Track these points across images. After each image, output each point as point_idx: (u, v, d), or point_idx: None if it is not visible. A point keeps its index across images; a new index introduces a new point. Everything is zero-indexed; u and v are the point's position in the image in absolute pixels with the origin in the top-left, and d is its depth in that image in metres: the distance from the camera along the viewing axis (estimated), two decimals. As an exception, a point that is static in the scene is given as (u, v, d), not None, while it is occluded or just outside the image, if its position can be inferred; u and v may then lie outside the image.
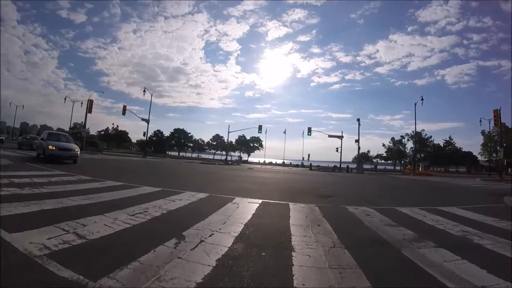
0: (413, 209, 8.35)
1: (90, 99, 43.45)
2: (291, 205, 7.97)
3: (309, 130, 54.51)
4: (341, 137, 53.93)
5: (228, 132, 54.00)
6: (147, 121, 48.64)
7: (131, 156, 48.78)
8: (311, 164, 56.41)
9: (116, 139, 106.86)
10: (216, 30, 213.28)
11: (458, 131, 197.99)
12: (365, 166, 67.52)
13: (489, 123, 53.07)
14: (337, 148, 54.65)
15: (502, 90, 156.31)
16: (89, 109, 45.17)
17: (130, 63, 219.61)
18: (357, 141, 53.34)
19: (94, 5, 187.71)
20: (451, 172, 71.02)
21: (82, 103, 58.37)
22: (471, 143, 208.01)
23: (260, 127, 51.86)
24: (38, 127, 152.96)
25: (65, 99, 57.98)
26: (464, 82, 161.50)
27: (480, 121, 54.10)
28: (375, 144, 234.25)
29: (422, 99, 44.72)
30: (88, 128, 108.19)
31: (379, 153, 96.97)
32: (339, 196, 11.77)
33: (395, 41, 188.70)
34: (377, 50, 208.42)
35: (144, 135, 50.24)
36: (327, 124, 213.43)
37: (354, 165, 57.10)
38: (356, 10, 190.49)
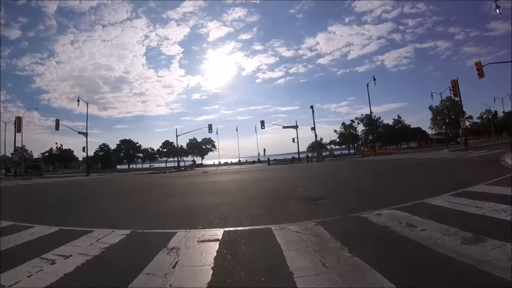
0: (445, 197, 6.29)
1: (18, 116, 36.71)
2: (276, 231, 4.76)
3: (262, 123, 51.78)
4: (296, 127, 51.90)
5: (176, 136, 49.61)
6: (86, 134, 43.00)
7: (74, 175, 42.71)
8: (268, 158, 53.61)
9: (61, 159, 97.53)
10: (156, 34, 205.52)
11: (403, 111, 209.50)
12: (325, 154, 66.96)
13: (441, 96, 55.18)
14: (293, 139, 52.85)
15: (439, 69, 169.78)
16: (18, 128, 38.14)
17: (70, 76, 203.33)
18: (313, 128, 51.65)
19: (29, 19, 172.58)
20: (405, 148, 72.20)
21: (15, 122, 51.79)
22: (416, 119, 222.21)
23: (210, 126, 48.16)
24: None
25: None
26: (403, 64, 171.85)
27: (432, 95, 56.83)
28: (325, 132, 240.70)
29: (375, 79, 45.26)
30: (31, 151, 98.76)
31: (332, 139, 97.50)
32: (328, 195, 8.45)
33: (334, 32, 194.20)
34: (317, 42, 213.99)
35: (84, 150, 43.89)
36: (277, 118, 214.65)
37: (312, 154, 55.59)
38: (294, 5, 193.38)
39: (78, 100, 41.20)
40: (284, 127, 54.11)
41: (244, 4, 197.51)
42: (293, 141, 53.25)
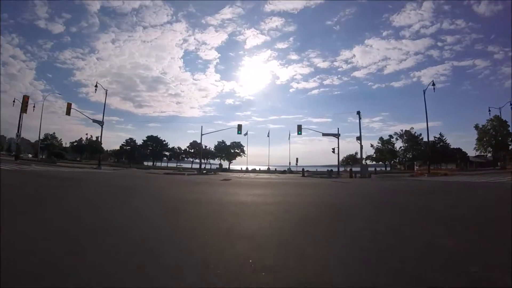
0: None
1: (26, 95, 31.11)
2: None
3: (299, 128, 43.89)
4: (337, 135, 43.57)
5: (201, 135, 42.61)
6: (101, 123, 36.78)
7: (84, 167, 36.60)
8: (303, 169, 45.33)
9: (89, 150, 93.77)
10: (194, 39, 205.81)
11: (436, 130, 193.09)
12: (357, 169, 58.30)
13: (500, 112, 46.95)
14: (333, 149, 44.66)
15: (477, 89, 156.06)
16: (23, 109, 32.44)
17: (109, 73, 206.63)
18: (359, 138, 42.91)
19: (72, 15, 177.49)
20: (451, 169, 61.72)
21: (14, 100, 47.11)
22: (451, 140, 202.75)
23: (239, 127, 41.04)
24: (15, 139, 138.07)
25: (13, 101, 45.07)
26: (440, 82, 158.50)
27: (489, 110, 48.84)
28: (356, 146, 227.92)
29: (434, 84, 35.67)
30: (61, 139, 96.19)
31: (368, 154, 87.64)
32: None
33: (370, 45, 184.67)
34: (354, 55, 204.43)
35: (98, 141, 37.62)
36: (308, 129, 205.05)
37: (351, 168, 47.16)
38: (332, 17, 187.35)
39: (96, 86, 34.90)
40: (324, 135, 46.08)
41: (281, 14, 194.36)
42: (333, 152, 45.39)
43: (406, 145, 79.53)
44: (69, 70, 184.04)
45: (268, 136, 75.58)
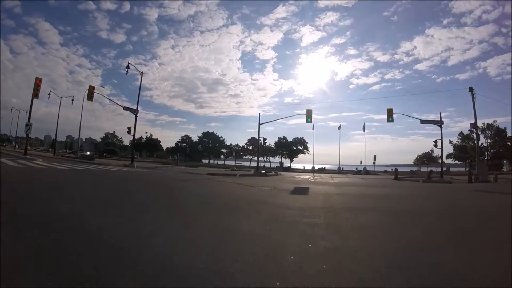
0: None
1: (38, 78, 23.57)
2: None
3: (390, 113, 31.00)
4: (440, 123, 30.27)
5: (259, 124, 32.10)
6: (134, 111, 28.27)
7: (118, 165, 28.28)
8: (396, 169, 32.51)
9: (147, 147, 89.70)
10: (251, 40, 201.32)
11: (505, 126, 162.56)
12: (434, 169, 44.02)
13: None
14: (435, 142, 31.26)
15: None
16: (89, 96, 25.41)
17: (171, 77, 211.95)
18: (474, 125, 29.37)
19: (132, 25, 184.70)
20: None
21: (72, 99, 41.42)
22: None
23: (309, 113, 29.62)
24: (84, 140, 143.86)
25: (49, 94, 39.67)
26: (507, 73, 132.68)
27: None
28: (421, 144, 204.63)
29: None
30: (121, 138, 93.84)
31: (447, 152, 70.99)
32: None
33: (432, 35, 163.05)
34: (415, 47, 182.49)
35: (129, 131, 29.01)
36: (370, 127, 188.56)
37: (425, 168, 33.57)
38: (388, 7, 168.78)
39: (128, 67, 26.50)
40: (422, 122, 32.70)
41: (336, 8, 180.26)
42: (435, 145, 32.38)
43: (490, 140, 62.49)
44: (132, 76, 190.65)
45: (339, 129, 62.57)
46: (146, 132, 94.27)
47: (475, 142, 57.91)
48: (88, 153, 71.56)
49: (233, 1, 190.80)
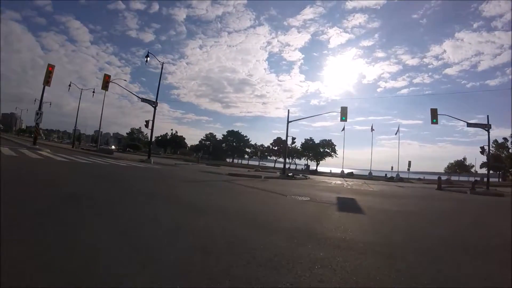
0: None
1: (50, 65, 21.39)
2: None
3: (434, 114, 26.75)
4: (487, 127, 25.54)
5: (288, 122, 28.50)
6: (153, 104, 25.69)
7: (133, 159, 25.75)
8: (440, 178, 27.97)
9: (172, 144, 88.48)
10: (278, 41, 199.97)
11: None
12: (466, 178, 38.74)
13: None
14: (482, 148, 26.81)
15: None
16: (103, 85, 23.60)
17: (198, 76, 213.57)
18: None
19: (161, 25, 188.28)
20: None
21: (94, 91, 40.28)
22: None
23: (343, 111, 25.74)
24: (111, 134, 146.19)
25: (69, 85, 38.29)
26: None
27: None
28: (448, 152, 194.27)
29: None
30: (146, 134, 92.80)
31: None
32: None
33: (461, 39, 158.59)
34: (444, 50, 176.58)
35: (146, 125, 26.42)
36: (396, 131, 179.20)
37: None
38: (417, 9, 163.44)
39: (147, 56, 24.21)
40: (469, 125, 28.08)
41: (364, 10, 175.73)
42: (481, 152, 27.79)
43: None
44: (161, 74, 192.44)
45: (372, 130, 57.08)
46: (172, 129, 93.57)
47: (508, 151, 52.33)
48: (113, 147, 71.26)
49: (261, 2, 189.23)
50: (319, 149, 75.06)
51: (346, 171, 53.37)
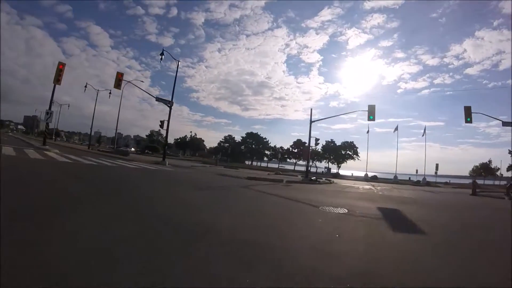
0: None
1: (61, 63, 20.38)
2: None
3: (468, 112, 24.04)
4: None
5: (310, 122, 26.25)
6: (168, 103, 24.32)
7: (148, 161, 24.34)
8: (474, 181, 24.74)
9: (191, 146, 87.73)
10: (296, 43, 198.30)
11: None
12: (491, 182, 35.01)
13: None
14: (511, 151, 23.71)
15: None
16: (116, 84, 22.20)
17: (217, 79, 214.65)
18: None
19: (180, 29, 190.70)
20: None
21: (110, 92, 39.71)
22: None
23: (371, 110, 23.42)
24: (132, 137, 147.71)
25: (85, 86, 37.76)
26: None
27: None
28: (470, 154, 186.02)
29: None
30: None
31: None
32: None
33: (482, 38, 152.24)
34: (465, 50, 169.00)
35: (161, 125, 24.96)
36: (418, 134, 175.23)
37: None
38: (436, 8, 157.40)
39: (162, 54, 23.00)
40: (504, 124, 25.20)
41: (382, 10, 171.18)
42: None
43: None
44: (181, 78, 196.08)
45: (395, 130, 53.04)
46: (191, 132, 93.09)
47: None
48: (132, 149, 71.40)
49: (278, 4, 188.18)
50: (340, 152, 72.12)
51: (370, 174, 50.56)
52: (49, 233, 2.95)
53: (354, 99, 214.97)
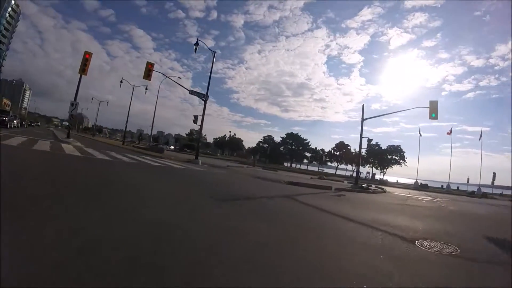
0: None
1: (87, 52, 18.95)
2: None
3: None
4: None
5: (362, 119, 22.63)
6: (204, 97, 22.24)
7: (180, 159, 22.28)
8: None
9: (230, 146, 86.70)
10: (336, 43, 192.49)
11: None
12: None
13: None
14: None
15: None
16: (145, 74, 20.97)
17: (257, 81, 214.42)
18: None
19: (220, 31, 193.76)
20: None
21: (146, 88, 39.17)
22: None
23: (433, 105, 19.43)
24: (173, 135, 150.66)
25: (121, 81, 38.59)
26: None
27: None
28: None
29: None
30: (205, 135, 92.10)
31: None
32: None
33: None
34: (511, 50, 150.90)
35: (194, 120, 22.77)
36: (463, 139, 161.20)
37: None
38: (479, 6, 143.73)
39: (197, 43, 21.29)
40: None
41: (424, 9, 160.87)
42: None
43: None
44: (221, 79, 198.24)
45: (449, 133, 46.32)
46: (230, 131, 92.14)
47: None
48: (172, 147, 71.71)
49: (317, 5, 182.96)
50: (386, 156, 66.52)
51: (420, 181, 45.32)
52: None
53: (396, 101, 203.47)
